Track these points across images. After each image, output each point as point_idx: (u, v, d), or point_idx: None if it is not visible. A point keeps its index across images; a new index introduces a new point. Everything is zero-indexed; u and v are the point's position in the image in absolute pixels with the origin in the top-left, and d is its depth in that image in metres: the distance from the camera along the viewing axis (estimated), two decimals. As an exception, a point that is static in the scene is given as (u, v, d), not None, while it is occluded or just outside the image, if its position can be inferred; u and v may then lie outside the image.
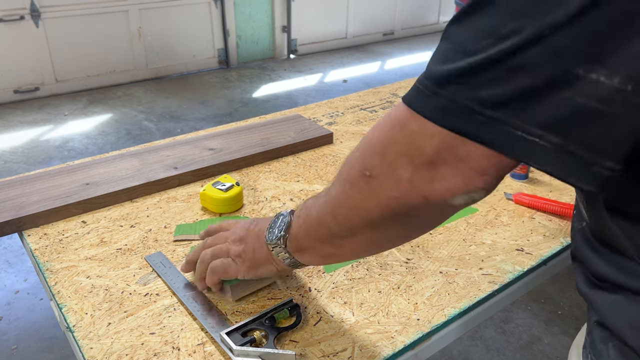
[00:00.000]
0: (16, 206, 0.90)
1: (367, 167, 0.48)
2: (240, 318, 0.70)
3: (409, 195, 0.46)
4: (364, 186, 0.49)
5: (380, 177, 0.47)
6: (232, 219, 0.92)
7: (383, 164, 0.47)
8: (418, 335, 0.68)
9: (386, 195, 0.47)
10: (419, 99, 0.44)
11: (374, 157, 0.48)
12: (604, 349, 0.55)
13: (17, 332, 1.88)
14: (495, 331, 1.91)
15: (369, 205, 0.49)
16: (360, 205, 0.50)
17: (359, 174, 0.49)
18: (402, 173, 0.45)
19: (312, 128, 1.24)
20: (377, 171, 0.47)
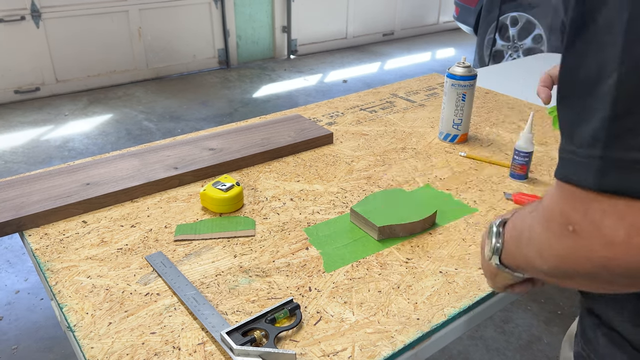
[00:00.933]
0: (17, 206, 0.91)
1: (569, 221, 0.42)
2: (241, 318, 0.70)
3: (628, 258, 0.39)
4: (568, 241, 0.43)
5: (584, 233, 0.41)
6: (232, 218, 0.92)
7: (587, 221, 0.41)
8: (418, 334, 0.68)
9: (598, 255, 0.41)
10: (576, 169, 0.40)
11: (576, 212, 0.42)
12: (593, 335, 0.55)
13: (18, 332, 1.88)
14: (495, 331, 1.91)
15: (578, 260, 0.43)
16: (568, 256, 0.44)
17: (561, 227, 0.43)
18: (613, 234, 0.39)
19: (312, 128, 1.24)
20: (582, 228, 0.41)
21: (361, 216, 0.89)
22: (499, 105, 1.49)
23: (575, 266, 0.44)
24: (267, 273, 0.79)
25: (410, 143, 1.23)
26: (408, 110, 1.43)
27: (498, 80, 1.71)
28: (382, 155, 1.17)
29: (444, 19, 6.39)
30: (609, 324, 0.52)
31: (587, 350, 0.56)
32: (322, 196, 1.00)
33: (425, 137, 1.27)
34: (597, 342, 0.55)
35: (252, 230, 0.89)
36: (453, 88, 1.18)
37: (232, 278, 0.78)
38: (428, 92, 1.58)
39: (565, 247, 0.43)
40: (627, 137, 0.36)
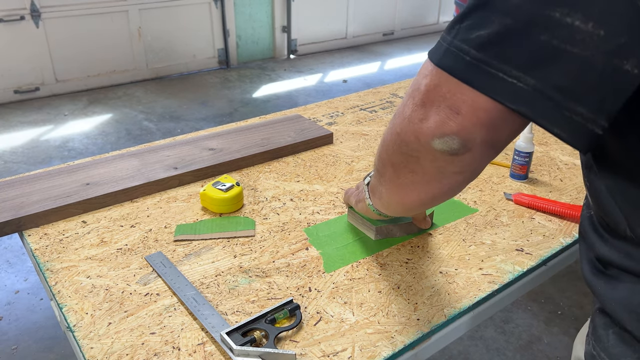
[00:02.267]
0: (16, 206, 0.91)
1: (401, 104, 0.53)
2: (241, 318, 0.70)
3: (406, 132, 0.50)
4: (389, 125, 0.55)
5: (397, 115, 0.53)
6: (232, 218, 0.92)
7: (401, 105, 0.52)
8: (418, 335, 0.68)
9: (395, 130, 0.52)
10: (434, 47, 0.47)
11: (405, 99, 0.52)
12: (604, 334, 0.55)
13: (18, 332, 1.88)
14: (495, 331, 1.91)
15: (387, 138, 0.55)
16: (384, 139, 0.56)
17: (398, 112, 0.54)
18: (406, 111, 0.50)
19: (312, 128, 1.24)
20: (397, 110, 0.53)
21: (358, 216, 0.88)
22: (499, 105, 1.49)
23: (385, 145, 0.56)
24: (267, 273, 0.79)
25: (410, 143, 1.23)
26: (408, 110, 1.43)
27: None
28: (382, 155, 1.17)
29: (444, 19, 6.39)
30: (620, 323, 0.53)
31: (598, 349, 0.57)
32: (322, 196, 1.00)
33: (425, 137, 1.27)
34: (608, 341, 0.55)
35: (252, 230, 0.89)
36: (453, 88, 1.18)
37: (232, 278, 0.77)
38: (428, 92, 1.58)
39: (387, 131, 0.56)
40: (463, 32, 0.44)
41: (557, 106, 0.40)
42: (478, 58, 0.42)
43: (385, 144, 0.57)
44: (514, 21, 0.40)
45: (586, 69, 0.39)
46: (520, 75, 0.41)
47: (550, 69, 0.40)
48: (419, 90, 0.48)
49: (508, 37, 0.41)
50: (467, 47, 0.43)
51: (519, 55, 0.41)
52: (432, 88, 0.46)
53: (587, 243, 0.60)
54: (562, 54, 0.39)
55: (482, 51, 0.42)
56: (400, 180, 0.57)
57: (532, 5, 0.39)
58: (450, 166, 0.50)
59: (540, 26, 0.39)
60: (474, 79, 0.43)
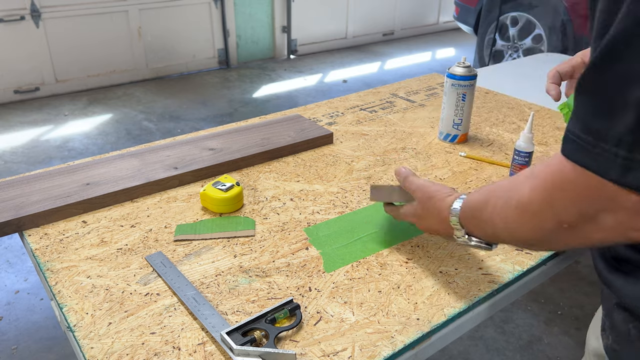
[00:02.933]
0: (16, 206, 0.91)
1: (564, 221, 0.49)
2: (241, 318, 0.70)
3: (615, 237, 0.48)
4: (564, 233, 0.50)
5: (580, 226, 0.49)
6: (232, 218, 0.92)
7: (583, 218, 0.48)
8: (418, 335, 0.68)
9: (591, 237, 0.49)
10: (597, 160, 0.44)
11: (571, 214, 0.49)
12: (624, 329, 0.56)
13: (17, 332, 1.88)
14: (495, 331, 1.91)
15: (572, 243, 0.52)
16: (561, 242, 0.53)
17: (557, 226, 0.50)
18: (605, 222, 0.47)
19: (312, 128, 1.24)
20: (577, 223, 0.49)
21: (383, 186, 0.86)
22: (499, 105, 1.49)
23: (557, 247, 0.56)
24: (267, 273, 0.79)
25: (410, 143, 1.23)
26: (408, 110, 1.43)
27: (498, 80, 1.70)
28: (382, 155, 1.17)
29: (444, 19, 6.39)
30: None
31: (620, 344, 0.58)
32: (322, 196, 1.00)
33: (425, 137, 1.27)
34: (629, 335, 0.56)
35: (252, 230, 0.89)
36: (453, 88, 1.18)
37: (232, 278, 0.78)
38: (428, 92, 1.58)
39: (558, 240, 0.52)
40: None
41: None
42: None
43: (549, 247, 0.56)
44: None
45: None
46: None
47: None
48: (623, 206, 0.45)
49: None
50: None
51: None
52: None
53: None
54: None
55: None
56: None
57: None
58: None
59: None
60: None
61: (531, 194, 0.51)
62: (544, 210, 0.50)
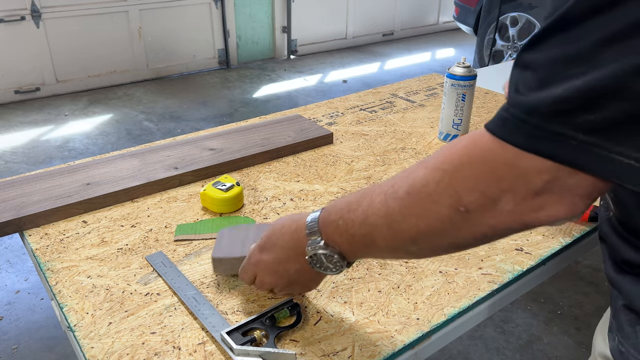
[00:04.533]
0: (17, 206, 0.91)
1: (462, 203, 0.46)
2: (241, 317, 0.70)
3: (508, 224, 0.46)
4: (457, 220, 0.47)
5: (478, 211, 0.46)
6: (232, 218, 0.92)
7: (483, 200, 0.45)
8: (418, 334, 0.68)
9: (483, 225, 0.46)
10: (512, 130, 0.43)
11: (472, 194, 0.46)
12: (631, 331, 0.56)
13: (18, 332, 1.88)
14: (495, 331, 1.91)
15: (461, 233, 0.48)
16: (450, 234, 0.49)
17: (453, 211, 0.47)
18: (504, 205, 0.45)
19: (312, 128, 1.24)
20: (476, 206, 0.46)
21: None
22: (499, 105, 1.49)
23: (454, 239, 0.49)
24: (267, 273, 0.79)
25: (410, 143, 1.24)
26: (408, 111, 1.43)
27: (498, 80, 1.71)
28: (382, 155, 1.17)
29: (443, 19, 6.39)
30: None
31: (627, 345, 0.58)
32: (322, 196, 1.00)
33: (425, 137, 1.27)
34: (636, 337, 0.56)
35: (252, 230, 0.89)
36: (453, 88, 1.18)
37: (232, 278, 0.78)
38: (428, 92, 1.58)
39: (451, 225, 0.48)
40: (567, 116, 0.41)
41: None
42: (590, 142, 0.40)
43: (441, 238, 0.49)
44: (633, 106, 0.39)
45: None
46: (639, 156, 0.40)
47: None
48: (529, 185, 0.43)
49: (627, 122, 0.39)
50: (574, 132, 0.41)
51: (637, 140, 0.40)
52: (551, 181, 0.43)
53: (609, 246, 0.60)
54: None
55: (594, 136, 0.40)
56: (458, 250, 0.54)
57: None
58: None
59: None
60: (589, 164, 0.41)
61: (427, 173, 0.48)
62: (442, 191, 0.47)
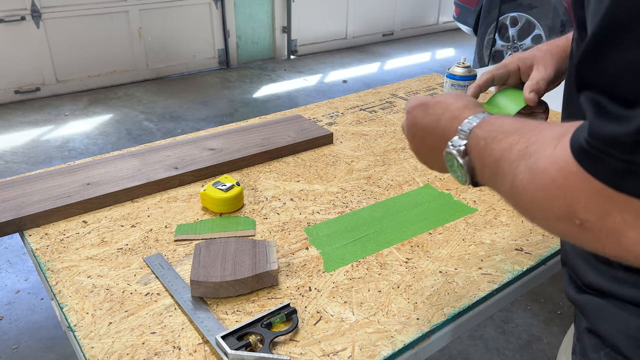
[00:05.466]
0: (17, 206, 0.91)
1: (577, 217, 0.41)
2: (240, 317, 0.70)
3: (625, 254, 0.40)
4: (573, 229, 0.42)
5: (595, 230, 0.41)
6: (232, 218, 0.92)
7: (600, 222, 0.40)
8: (418, 334, 0.68)
9: (601, 244, 0.41)
10: (605, 170, 0.38)
11: (589, 213, 0.40)
12: (595, 357, 0.53)
13: (18, 332, 1.88)
14: (495, 331, 1.91)
15: (580, 241, 0.43)
16: (568, 236, 0.44)
17: (568, 219, 0.42)
18: (631, 234, 0.39)
19: (312, 128, 1.24)
20: (592, 226, 0.41)
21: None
22: (499, 105, 1.49)
23: (567, 234, 0.43)
24: (267, 273, 0.79)
25: (410, 143, 1.24)
26: (408, 111, 1.43)
27: (498, 81, 1.70)
28: (382, 155, 1.17)
29: (443, 19, 6.39)
30: (614, 345, 0.51)
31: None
32: (322, 196, 1.01)
33: (425, 137, 1.27)
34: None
35: (252, 230, 0.89)
36: (453, 88, 1.18)
37: (232, 278, 0.78)
38: (428, 92, 1.58)
39: (565, 230, 0.43)
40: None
41: None
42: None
43: (559, 229, 0.44)
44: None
45: None
46: None
47: None
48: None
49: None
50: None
51: None
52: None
53: (571, 268, 0.57)
54: None
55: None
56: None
57: None
58: None
59: None
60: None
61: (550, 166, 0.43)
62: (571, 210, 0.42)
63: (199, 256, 0.76)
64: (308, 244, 0.86)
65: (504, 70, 0.80)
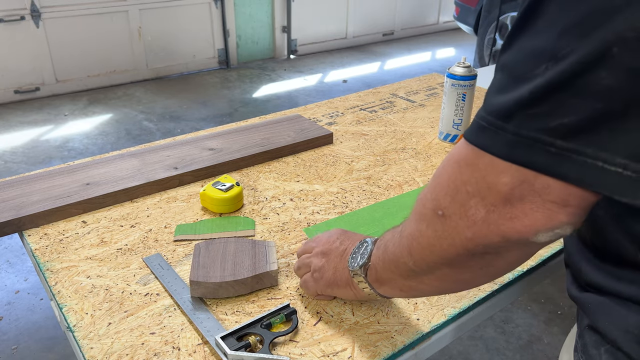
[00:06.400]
0: (16, 206, 0.91)
1: (440, 206, 0.46)
2: (240, 318, 0.70)
3: (485, 235, 0.43)
4: (438, 226, 0.47)
5: (453, 217, 0.45)
6: (232, 218, 0.92)
7: (455, 204, 0.45)
8: (418, 335, 0.68)
9: (460, 236, 0.45)
10: (483, 136, 0.42)
11: (446, 198, 0.45)
12: (596, 353, 0.54)
13: (18, 332, 1.88)
14: (495, 331, 1.91)
15: (444, 244, 0.47)
16: (435, 244, 0.48)
17: (433, 213, 0.47)
18: (475, 213, 0.43)
19: (312, 128, 1.24)
20: (450, 211, 0.45)
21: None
22: (499, 105, 1.49)
23: (440, 252, 0.48)
24: (267, 273, 0.79)
25: (410, 143, 1.23)
26: (408, 110, 1.43)
27: (498, 80, 1.70)
28: (382, 155, 1.17)
29: (444, 19, 6.39)
30: (613, 341, 0.51)
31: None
32: (322, 196, 1.00)
33: (425, 137, 1.27)
34: (601, 359, 0.53)
35: (252, 230, 0.89)
36: (453, 88, 1.18)
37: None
38: (428, 92, 1.58)
39: (434, 232, 0.48)
40: (538, 120, 0.39)
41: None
42: (568, 148, 0.37)
43: (431, 250, 0.49)
44: (607, 104, 0.35)
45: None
46: (626, 163, 0.36)
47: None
48: (493, 189, 0.41)
49: (604, 123, 0.36)
50: (550, 138, 0.37)
51: (624, 141, 0.36)
52: (518, 185, 0.40)
53: (573, 268, 0.58)
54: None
55: (571, 141, 0.37)
56: (462, 277, 0.51)
57: (630, 84, 0.34)
58: (543, 245, 0.44)
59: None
60: (569, 172, 0.38)
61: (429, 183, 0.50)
62: (428, 196, 0.49)
63: (199, 256, 0.76)
64: (308, 244, 0.86)
65: None
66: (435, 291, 0.57)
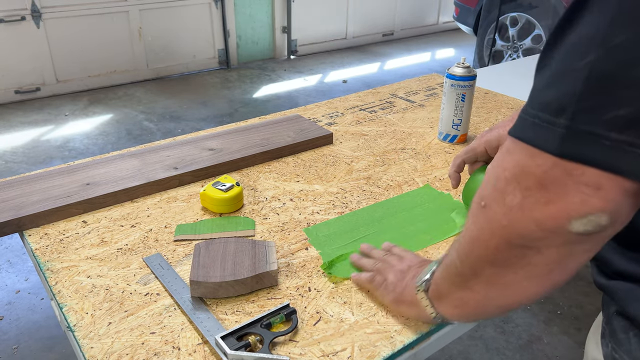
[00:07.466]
0: (17, 206, 0.91)
1: (482, 197, 0.47)
2: (240, 318, 0.70)
3: (520, 222, 0.43)
4: (480, 217, 0.47)
5: (492, 205, 0.45)
6: (232, 218, 0.92)
7: (495, 192, 0.45)
8: (417, 334, 0.68)
9: (498, 224, 0.45)
10: (532, 131, 0.42)
11: (488, 187, 0.46)
12: (624, 337, 0.56)
13: (18, 332, 1.88)
14: (495, 331, 1.91)
15: (485, 236, 0.47)
16: (477, 236, 0.48)
17: (477, 206, 0.48)
18: (512, 199, 0.43)
19: (312, 128, 1.24)
20: (490, 200, 0.46)
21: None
22: (499, 105, 1.49)
23: (481, 244, 0.48)
24: (266, 273, 0.79)
25: (409, 143, 1.24)
26: (407, 111, 1.43)
27: (498, 81, 1.71)
28: (382, 155, 1.17)
29: (443, 19, 6.39)
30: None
31: (620, 352, 0.57)
32: (321, 196, 1.01)
33: (425, 137, 1.27)
34: (630, 344, 0.55)
35: (252, 230, 0.89)
36: (452, 88, 1.18)
37: (231, 278, 0.78)
38: (428, 92, 1.58)
39: (476, 224, 0.48)
40: (591, 113, 0.39)
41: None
42: (622, 140, 0.37)
43: (474, 244, 0.49)
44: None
45: None
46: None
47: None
48: (529, 172, 0.42)
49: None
50: (605, 131, 0.37)
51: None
52: (555, 170, 0.40)
53: (600, 260, 0.59)
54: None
55: (626, 132, 0.37)
56: (506, 279, 0.49)
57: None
58: (583, 245, 0.43)
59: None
60: (624, 165, 0.38)
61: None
62: (476, 193, 0.50)
63: (199, 256, 0.76)
64: (308, 244, 0.86)
65: (472, 154, 0.89)
66: (484, 301, 0.54)
